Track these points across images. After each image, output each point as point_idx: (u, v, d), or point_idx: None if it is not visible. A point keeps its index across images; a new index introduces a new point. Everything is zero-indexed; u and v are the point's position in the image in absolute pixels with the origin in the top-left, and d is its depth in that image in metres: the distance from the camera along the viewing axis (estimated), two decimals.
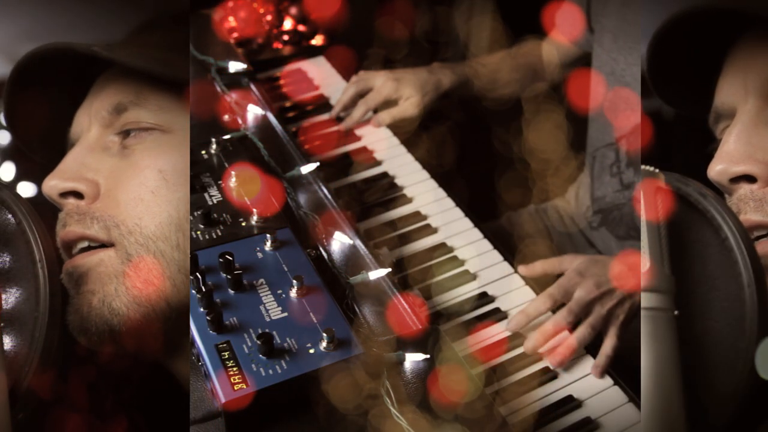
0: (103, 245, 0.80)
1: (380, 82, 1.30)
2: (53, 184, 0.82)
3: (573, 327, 0.96)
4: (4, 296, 0.72)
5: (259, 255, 0.87)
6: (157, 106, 0.84)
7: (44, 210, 0.79)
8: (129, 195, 0.81)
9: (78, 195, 0.82)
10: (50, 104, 0.91)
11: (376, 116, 1.30)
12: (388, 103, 1.31)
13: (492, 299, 1.02)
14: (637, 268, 0.98)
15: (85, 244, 0.81)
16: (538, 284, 1.05)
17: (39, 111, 0.91)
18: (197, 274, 0.81)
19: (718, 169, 0.75)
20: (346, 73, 1.44)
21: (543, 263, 1.04)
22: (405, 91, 1.30)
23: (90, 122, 0.86)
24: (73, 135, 0.89)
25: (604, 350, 0.94)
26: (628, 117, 0.88)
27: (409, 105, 1.30)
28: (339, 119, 1.32)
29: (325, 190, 1.10)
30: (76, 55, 0.82)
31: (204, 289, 0.79)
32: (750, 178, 0.74)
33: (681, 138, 1.56)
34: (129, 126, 0.84)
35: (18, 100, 0.88)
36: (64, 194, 0.82)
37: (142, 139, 0.84)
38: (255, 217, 0.92)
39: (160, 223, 0.80)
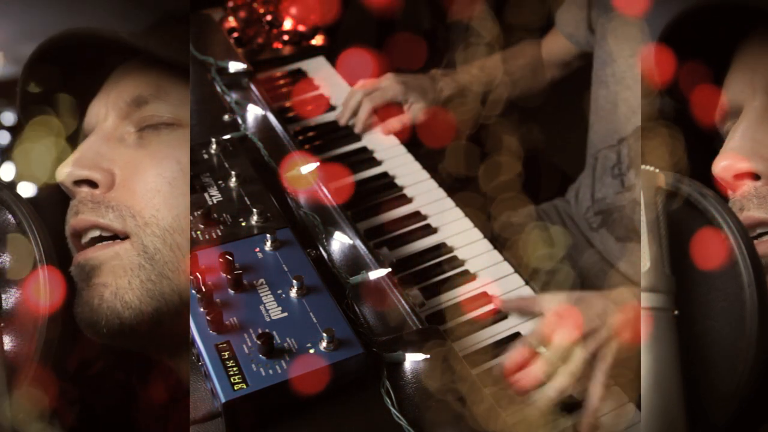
0: (116, 237, 0.80)
1: (387, 83, 1.32)
2: (68, 171, 0.81)
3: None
4: (4, 296, 0.72)
5: (259, 255, 0.87)
6: (178, 100, 0.83)
7: (44, 210, 0.79)
8: (146, 186, 0.80)
9: (92, 184, 0.81)
10: (66, 93, 0.90)
11: (385, 123, 1.31)
12: (393, 106, 1.31)
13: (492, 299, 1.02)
14: (623, 304, 0.89)
15: (97, 233, 0.80)
16: (540, 286, 1.05)
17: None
18: (197, 274, 0.81)
19: (722, 165, 0.75)
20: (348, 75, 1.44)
21: (520, 300, 0.99)
22: (411, 95, 1.31)
23: (107, 112, 0.85)
24: (86, 125, 0.88)
25: (591, 404, 0.87)
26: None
27: (418, 111, 1.31)
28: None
29: (325, 190, 1.10)
30: (99, 43, 0.81)
31: (204, 289, 0.79)
32: (754, 176, 0.74)
33: (684, 136, 1.55)
34: (148, 119, 0.83)
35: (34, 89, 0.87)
36: (78, 182, 0.82)
37: (158, 132, 0.83)
38: (255, 217, 0.92)
39: (177, 215, 0.79)
